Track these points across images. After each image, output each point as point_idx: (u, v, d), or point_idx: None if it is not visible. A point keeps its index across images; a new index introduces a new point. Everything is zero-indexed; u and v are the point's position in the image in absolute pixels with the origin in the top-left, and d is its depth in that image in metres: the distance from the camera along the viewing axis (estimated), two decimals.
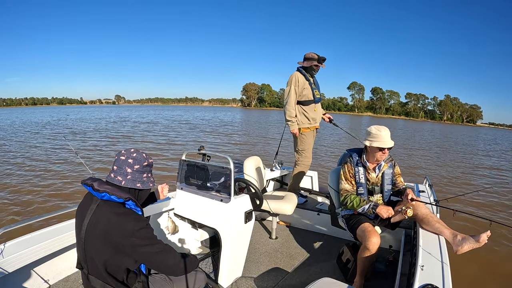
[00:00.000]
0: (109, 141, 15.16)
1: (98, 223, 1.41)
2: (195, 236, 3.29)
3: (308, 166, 4.08)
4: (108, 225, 1.39)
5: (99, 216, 1.42)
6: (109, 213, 1.42)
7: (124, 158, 1.51)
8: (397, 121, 71.48)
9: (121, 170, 1.50)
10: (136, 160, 1.53)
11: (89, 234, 1.42)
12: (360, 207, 2.58)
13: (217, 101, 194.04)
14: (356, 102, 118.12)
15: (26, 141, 14.77)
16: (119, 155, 1.53)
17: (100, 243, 1.40)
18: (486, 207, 7.05)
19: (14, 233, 2.13)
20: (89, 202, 1.48)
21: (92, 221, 1.42)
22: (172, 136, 18.85)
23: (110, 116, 40.10)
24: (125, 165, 1.50)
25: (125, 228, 1.40)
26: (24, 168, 8.89)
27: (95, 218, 1.42)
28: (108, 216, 1.41)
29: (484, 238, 2.12)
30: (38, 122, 27.98)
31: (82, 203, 1.54)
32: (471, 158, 16.41)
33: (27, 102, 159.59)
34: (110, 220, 1.40)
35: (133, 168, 1.51)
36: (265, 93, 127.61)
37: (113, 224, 1.39)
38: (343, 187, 2.72)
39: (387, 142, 2.55)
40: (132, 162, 1.51)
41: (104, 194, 1.41)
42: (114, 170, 1.50)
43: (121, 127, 24.33)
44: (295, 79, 3.84)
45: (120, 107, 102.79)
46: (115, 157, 1.53)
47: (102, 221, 1.40)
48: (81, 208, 1.52)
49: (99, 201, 1.45)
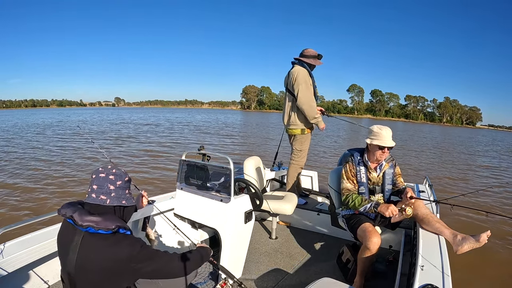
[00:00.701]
0: (115, 142, 15.20)
1: (89, 258, 1.31)
2: (195, 236, 3.28)
3: (302, 166, 4.04)
4: (102, 259, 1.31)
5: (88, 251, 1.31)
6: (99, 246, 1.32)
7: (104, 175, 1.40)
8: (396, 123, 71.54)
9: (102, 189, 1.38)
10: (117, 176, 1.43)
11: (79, 270, 1.32)
12: (361, 206, 2.57)
13: (217, 103, 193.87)
14: (355, 104, 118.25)
15: (31, 142, 14.79)
16: (97, 173, 1.41)
17: (96, 277, 1.32)
18: (486, 206, 7.06)
19: (14, 233, 2.13)
20: (72, 233, 1.35)
21: (81, 256, 1.31)
22: (177, 137, 19.03)
23: (111, 118, 40.15)
24: (106, 182, 1.39)
25: (121, 257, 1.32)
26: (28, 167, 8.91)
27: (84, 253, 1.31)
28: (99, 249, 1.31)
29: (484, 238, 2.12)
30: (39, 124, 28.02)
31: (63, 233, 1.40)
32: (471, 159, 16.43)
33: (26, 104, 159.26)
34: (102, 253, 1.31)
35: (116, 184, 1.41)
36: (265, 96, 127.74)
37: (107, 257, 1.31)
38: (345, 186, 2.71)
39: (388, 141, 2.56)
40: (114, 179, 1.41)
41: (88, 228, 1.30)
42: (95, 190, 1.38)
43: (124, 128, 24.47)
44: (305, 75, 3.65)
45: (120, 109, 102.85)
46: (92, 176, 1.41)
47: (93, 255, 1.31)
48: (62, 239, 1.40)
49: (83, 233, 1.32)
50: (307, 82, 3.65)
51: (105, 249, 1.32)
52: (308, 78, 3.67)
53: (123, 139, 17.23)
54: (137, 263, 1.36)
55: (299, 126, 3.83)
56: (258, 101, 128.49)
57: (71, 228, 1.36)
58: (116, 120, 35.03)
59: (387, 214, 2.42)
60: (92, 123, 29.74)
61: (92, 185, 1.39)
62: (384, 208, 2.44)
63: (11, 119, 38.06)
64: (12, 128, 23.74)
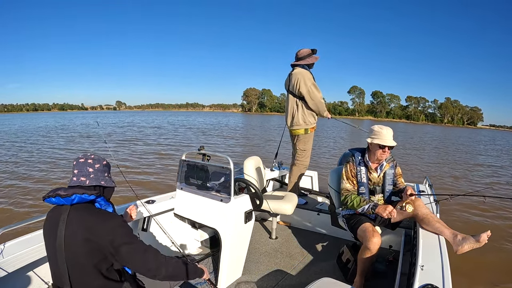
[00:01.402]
0: (122, 144, 15.25)
1: (75, 230, 1.37)
2: (195, 236, 3.29)
3: (307, 166, 4.08)
4: (87, 229, 1.37)
5: (75, 223, 1.38)
6: (84, 216, 1.40)
7: (83, 160, 1.51)
8: (397, 124, 71.52)
9: (82, 172, 1.49)
10: (95, 160, 1.54)
11: (69, 245, 1.37)
12: (360, 207, 2.57)
13: (218, 106, 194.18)
14: (356, 106, 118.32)
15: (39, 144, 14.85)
16: (77, 159, 1.52)
17: (82, 249, 1.37)
18: (486, 205, 7.04)
19: (14, 233, 2.14)
20: (57, 214, 1.43)
21: (68, 231, 1.37)
22: (182, 139, 19.25)
23: (115, 121, 40.33)
24: (85, 165, 1.50)
25: (104, 226, 1.38)
26: (29, 166, 8.94)
27: (71, 227, 1.38)
28: (84, 219, 1.39)
29: (484, 238, 2.12)
30: (43, 127, 28.12)
31: (49, 220, 1.47)
32: (471, 158, 16.41)
33: (28, 108, 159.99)
34: (87, 222, 1.38)
35: (94, 167, 1.52)
36: (266, 98, 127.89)
37: (91, 226, 1.37)
38: (344, 186, 2.71)
39: (388, 140, 2.56)
40: (92, 162, 1.52)
41: (74, 196, 1.39)
42: (75, 174, 1.49)
43: (129, 131, 24.68)
44: (309, 76, 3.75)
45: (122, 113, 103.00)
46: (73, 163, 1.52)
47: (80, 226, 1.37)
48: (48, 224, 1.46)
49: (69, 208, 1.42)
50: (314, 82, 3.78)
51: (90, 218, 1.39)
52: (312, 77, 3.78)
53: (130, 141, 17.53)
54: (118, 236, 1.40)
55: (303, 126, 3.89)
56: (259, 103, 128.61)
57: (55, 211, 1.45)
58: (120, 123, 35.25)
59: (385, 215, 2.42)
60: (94, 127, 29.81)
61: (74, 170, 1.50)
62: (382, 210, 2.43)
63: (15, 123, 38.28)
64: (19, 132, 23.86)
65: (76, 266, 1.39)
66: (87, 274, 1.40)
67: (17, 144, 15.71)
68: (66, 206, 1.42)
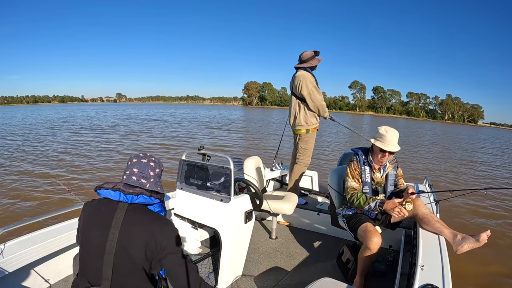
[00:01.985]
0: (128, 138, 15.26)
1: (135, 233, 1.33)
2: (195, 236, 3.29)
3: (307, 165, 4.10)
4: (148, 233, 1.34)
5: (134, 223, 1.35)
6: (145, 219, 1.37)
7: (146, 161, 1.47)
8: (398, 120, 71.47)
9: (143, 173, 1.44)
10: (157, 163, 1.51)
11: (123, 245, 1.32)
12: (366, 204, 2.55)
13: (218, 99, 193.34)
14: (357, 101, 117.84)
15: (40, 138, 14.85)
16: (138, 157, 1.48)
17: (138, 253, 1.33)
18: (486, 205, 7.06)
19: (14, 233, 2.14)
20: (111, 210, 1.37)
21: (125, 232, 1.33)
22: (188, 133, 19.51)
23: (117, 114, 40.43)
24: (147, 167, 1.46)
25: (162, 232, 1.36)
26: (29, 165, 8.95)
27: (129, 228, 1.34)
28: (145, 223, 1.36)
29: (484, 237, 2.12)
30: (45, 120, 28.11)
31: (98, 214, 1.41)
32: (471, 157, 16.43)
33: (28, 100, 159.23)
34: (149, 227, 1.35)
35: (155, 171, 1.49)
36: (267, 92, 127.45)
37: (153, 231, 1.35)
38: (350, 185, 2.67)
39: (390, 145, 2.52)
40: (154, 166, 1.49)
41: (140, 196, 1.38)
42: (135, 173, 1.43)
43: (135, 124, 24.80)
44: (310, 78, 3.82)
45: (122, 105, 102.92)
46: (134, 160, 1.48)
47: (140, 229, 1.34)
48: (97, 218, 1.40)
49: (127, 206, 1.37)
50: (315, 85, 3.84)
51: (150, 223, 1.36)
52: (313, 80, 3.85)
53: (137, 133, 17.83)
54: (169, 246, 1.37)
55: (305, 126, 3.96)
56: (259, 97, 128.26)
57: (110, 206, 1.38)
58: (122, 116, 35.30)
59: (395, 213, 2.40)
60: (98, 119, 30.01)
61: (133, 168, 1.45)
62: (391, 205, 2.43)
63: (15, 115, 38.32)
64: (21, 124, 23.88)
65: (124, 267, 1.34)
66: (132, 275, 1.36)
67: (19, 138, 15.69)
68: (123, 204, 1.38)
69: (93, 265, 1.36)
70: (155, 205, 1.47)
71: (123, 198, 1.37)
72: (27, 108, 74.80)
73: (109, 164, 9.57)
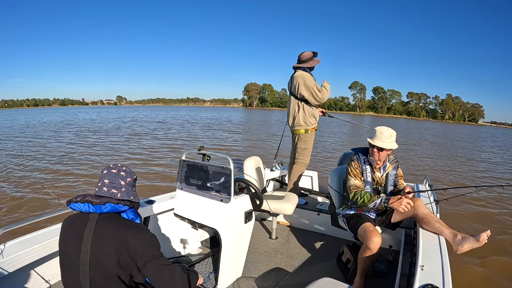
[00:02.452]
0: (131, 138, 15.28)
1: (106, 241, 1.34)
2: (195, 236, 3.29)
3: (306, 165, 4.11)
4: (118, 240, 1.34)
5: (105, 233, 1.36)
6: (115, 227, 1.38)
7: (116, 171, 1.49)
8: (398, 120, 71.45)
9: (114, 183, 1.46)
10: (127, 173, 1.52)
11: (97, 256, 1.34)
12: (371, 202, 2.53)
13: (219, 101, 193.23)
14: (357, 101, 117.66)
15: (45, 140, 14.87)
16: (109, 169, 1.49)
17: (114, 261, 1.34)
18: (486, 205, 7.05)
19: (14, 233, 2.14)
20: (82, 222, 1.39)
21: (97, 241, 1.34)
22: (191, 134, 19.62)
23: (119, 116, 40.56)
24: (118, 177, 1.47)
25: (136, 239, 1.36)
26: (29, 165, 8.96)
27: (100, 237, 1.35)
28: (116, 230, 1.37)
29: (484, 237, 2.12)
30: (46, 123, 28.18)
31: (71, 228, 1.42)
32: (471, 156, 16.40)
33: (28, 103, 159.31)
34: (119, 234, 1.36)
35: (126, 181, 1.50)
36: (267, 93, 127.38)
37: (123, 238, 1.35)
38: (353, 183, 2.66)
39: (384, 143, 2.54)
40: (125, 175, 1.50)
41: (107, 205, 1.38)
42: (106, 184, 1.45)
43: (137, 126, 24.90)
44: (309, 77, 3.84)
45: (123, 108, 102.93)
46: (104, 172, 1.49)
47: (110, 237, 1.35)
48: (70, 232, 1.42)
49: (98, 216, 1.39)
50: (315, 83, 3.86)
51: (121, 231, 1.37)
52: (312, 79, 3.86)
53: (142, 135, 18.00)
54: (146, 252, 1.38)
55: (303, 126, 3.97)
56: (260, 98, 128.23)
57: (80, 217, 1.41)
58: (125, 118, 35.37)
59: (401, 209, 2.39)
60: (101, 121, 30.13)
61: (104, 179, 1.47)
62: (396, 203, 2.42)
63: (19, 118, 38.40)
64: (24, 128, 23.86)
65: (99, 277, 1.35)
66: (109, 285, 1.37)
67: (22, 140, 15.71)
68: (93, 214, 1.39)
69: (72, 279, 1.38)
70: (127, 212, 1.48)
71: (92, 209, 1.38)
72: (28, 111, 74.94)
73: None
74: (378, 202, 2.53)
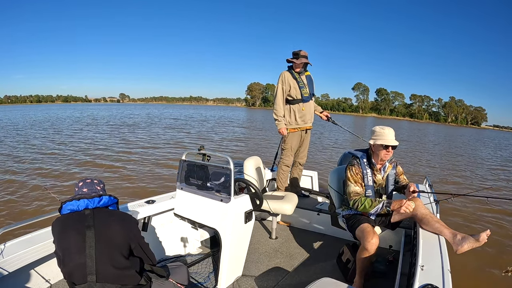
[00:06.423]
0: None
1: (110, 224, 1.60)
2: (195, 236, 3.29)
3: (288, 165, 4.07)
4: (120, 221, 1.65)
5: (106, 217, 1.62)
6: (112, 213, 1.68)
7: (90, 181, 1.75)
8: (401, 122, 71.19)
9: (92, 189, 1.72)
10: (99, 181, 1.80)
11: (103, 236, 1.56)
12: (373, 207, 2.50)
13: (222, 100, 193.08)
14: (360, 103, 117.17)
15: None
16: (83, 181, 1.75)
17: (121, 235, 1.61)
18: (486, 205, 7.03)
19: (14, 233, 2.15)
20: (81, 215, 1.60)
21: (98, 229, 1.56)
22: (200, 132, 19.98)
23: (126, 113, 41.04)
24: (93, 185, 1.75)
25: (131, 222, 1.72)
26: (29, 165, 8.98)
27: (103, 221, 1.59)
28: (114, 215, 1.67)
29: (484, 237, 2.11)
30: (53, 119, 28.26)
31: (70, 221, 1.59)
32: (472, 158, 16.37)
33: (31, 100, 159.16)
34: (118, 217, 1.67)
35: (100, 186, 1.78)
36: (270, 93, 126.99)
37: (123, 220, 1.67)
38: (353, 189, 2.59)
39: (391, 140, 2.53)
40: (98, 183, 1.78)
41: (102, 197, 1.68)
42: (86, 192, 1.70)
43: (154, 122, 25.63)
44: (282, 78, 3.87)
45: (127, 106, 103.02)
46: (80, 184, 1.73)
47: (113, 219, 1.63)
48: (70, 222, 1.59)
49: (90, 211, 1.61)
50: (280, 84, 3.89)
51: (118, 215, 1.70)
52: (285, 80, 3.88)
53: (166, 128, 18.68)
54: (138, 233, 1.73)
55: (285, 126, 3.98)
56: (263, 98, 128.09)
57: (74, 217, 1.60)
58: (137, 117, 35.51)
59: (402, 210, 2.36)
60: (109, 119, 30.41)
61: (82, 189, 1.72)
62: (398, 205, 2.39)
63: (27, 114, 38.58)
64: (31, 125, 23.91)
65: (104, 256, 1.54)
66: (113, 262, 1.56)
67: (21, 140, 15.76)
68: (88, 209, 1.62)
69: (77, 261, 1.52)
70: (113, 205, 1.76)
71: (88, 203, 1.63)
72: (31, 107, 75.15)
73: None
74: (380, 207, 2.49)
